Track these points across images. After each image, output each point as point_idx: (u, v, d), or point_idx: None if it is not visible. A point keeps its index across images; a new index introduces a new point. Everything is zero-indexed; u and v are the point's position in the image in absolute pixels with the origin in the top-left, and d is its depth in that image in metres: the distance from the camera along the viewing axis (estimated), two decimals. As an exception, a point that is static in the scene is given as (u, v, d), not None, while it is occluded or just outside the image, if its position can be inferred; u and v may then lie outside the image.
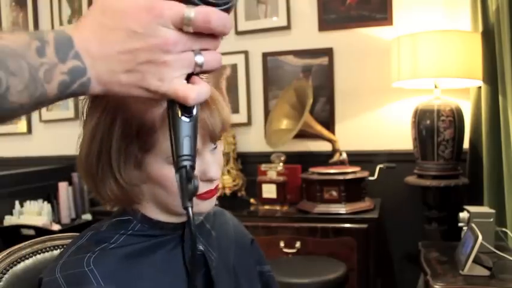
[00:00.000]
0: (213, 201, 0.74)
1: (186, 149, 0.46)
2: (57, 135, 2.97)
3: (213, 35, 0.45)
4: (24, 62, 0.39)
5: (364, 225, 2.00)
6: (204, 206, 0.73)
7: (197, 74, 0.45)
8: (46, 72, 0.40)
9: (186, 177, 0.45)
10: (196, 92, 0.43)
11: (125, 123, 0.65)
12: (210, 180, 0.70)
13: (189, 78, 0.45)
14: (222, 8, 0.44)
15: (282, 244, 2.05)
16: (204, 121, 0.67)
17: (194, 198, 0.68)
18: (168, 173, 0.67)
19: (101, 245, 0.68)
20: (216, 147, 0.73)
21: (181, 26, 0.42)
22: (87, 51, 0.42)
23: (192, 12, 0.42)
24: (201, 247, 0.78)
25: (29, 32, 0.41)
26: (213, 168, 0.70)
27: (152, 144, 0.66)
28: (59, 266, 0.66)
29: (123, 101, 0.64)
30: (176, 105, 0.45)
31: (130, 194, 0.69)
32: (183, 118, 0.45)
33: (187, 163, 0.46)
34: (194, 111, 0.46)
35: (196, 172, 0.65)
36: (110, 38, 0.42)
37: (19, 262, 0.78)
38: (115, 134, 0.65)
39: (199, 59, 0.43)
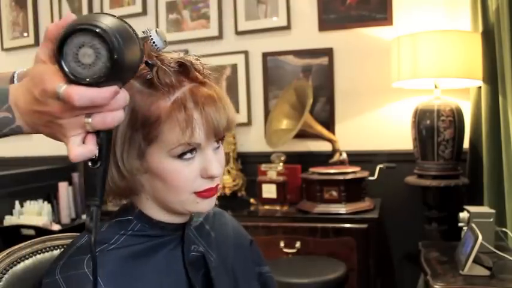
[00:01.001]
0: (213, 201, 0.73)
1: (94, 191, 0.54)
2: (57, 135, 2.97)
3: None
4: None
5: (364, 225, 2.00)
6: (204, 205, 0.72)
7: (97, 133, 0.51)
8: None
9: (91, 213, 0.54)
10: (78, 152, 0.50)
11: (131, 113, 0.66)
12: (211, 178, 0.70)
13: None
14: (87, 83, 0.47)
15: (282, 244, 2.05)
16: (209, 117, 0.67)
17: (195, 197, 0.70)
18: (168, 166, 0.67)
19: (101, 245, 0.68)
20: (219, 147, 0.72)
21: (60, 100, 0.48)
22: (17, 106, 0.52)
23: (61, 89, 0.47)
24: (200, 248, 0.78)
25: None
26: (214, 165, 0.69)
27: (156, 135, 0.66)
28: (59, 267, 0.66)
29: (130, 92, 0.65)
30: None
31: (130, 184, 0.69)
32: (90, 167, 0.53)
33: (92, 203, 0.54)
34: (98, 163, 0.53)
35: (197, 169, 0.68)
36: (28, 98, 0.51)
37: (19, 262, 0.77)
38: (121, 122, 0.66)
39: (88, 121, 0.49)
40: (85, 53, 0.46)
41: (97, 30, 0.45)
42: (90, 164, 0.53)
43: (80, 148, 0.51)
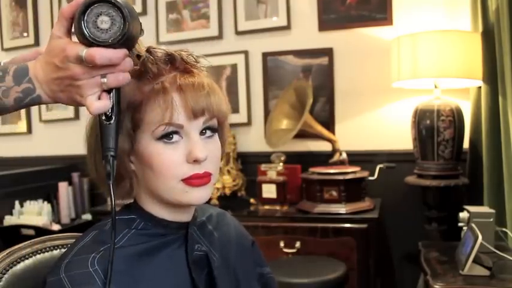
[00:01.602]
0: (206, 191, 0.72)
1: (109, 143, 0.62)
2: (57, 135, 2.98)
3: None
4: None
5: (364, 225, 2.00)
6: (195, 196, 0.71)
7: (109, 91, 0.61)
8: (4, 91, 0.60)
9: (107, 162, 0.62)
10: (96, 106, 0.60)
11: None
12: (197, 162, 0.69)
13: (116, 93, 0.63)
14: (106, 45, 0.57)
15: (282, 244, 2.05)
16: (188, 98, 0.69)
17: (184, 185, 0.71)
18: (153, 149, 0.69)
19: (105, 245, 0.68)
20: (211, 136, 0.73)
21: (81, 63, 0.58)
22: (37, 77, 0.61)
23: (83, 52, 0.57)
24: (204, 247, 0.78)
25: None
26: (198, 148, 0.69)
27: (140, 118, 0.69)
28: (63, 266, 0.66)
29: None
30: (101, 114, 0.62)
31: (122, 168, 0.71)
32: (106, 122, 0.63)
33: (108, 152, 0.62)
34: (113, 118, 0.62)
35: (183, 154, 0.70)
36: (47, 69, 0.60)
37: (19, 262, 0.78)
38: None
39: (104, 80, 0.60)
40: (102, 20, 0.57)
41: (113, 1, 0.57)
42: (104, 119, 0.62)
43: (98, 103, 0.60)
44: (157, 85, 0.69)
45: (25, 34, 3.10)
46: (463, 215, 1.69)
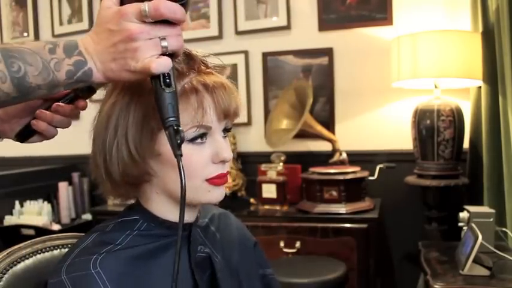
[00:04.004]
0: (223, 191, 0.73)
1: (170, 112, 0.58)
2: (57, 135, 2.97)
3: (171, 23, 0.57)
4: (39, 57, 0.57)
5: (364, 225, 2.00)
6: (215, 195, 0.72)
7: (169, 56, 0.58)
8: (56, 64, 0.57)
9: (174, 131, 0.57)
10: (156, 62, 0.56)
11: (144, 98, 0.67)
12: (223, 163, 0.71)
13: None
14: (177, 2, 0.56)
15: (282, 244, 2.05)
16: (219, 99, 0.69)
17: (208, 185, 0.71)
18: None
19: (107, 246, 0.67)
20: (225, 137, 0.73)
21: (142, 19, 0.56)
22: (87, 50, 0.58)
23: (146, 6, 0.55)
24: (206, 249, 0.78)
25: (47, 40, 0.59)
26: (225, 149, 0.70)
27: None
28: (64, 268, 0.65)
29: (142, 80, 0.67)
30: (158, 81, 0.58)
31: (141, 172, 0.69)
32: (165, 89, 0.58)
33: (173, 122, 0.58)
34: (172, 84, 0.59)
35: (208, 154, 0.70)
36: (99, 38, 0.58)
37: (19, 262, 0.77)
38: (133, 107, 0.67)
39: (164, 43, 0.57)
40: None
41: None
42: (163, 86, 0.58)
43: (159, 59, 0.56)
44: (187, 85, 0.68)
45: (25, 34, 3.10)
46: (463, 215, 1.69)
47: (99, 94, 0.73)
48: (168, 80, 0.58)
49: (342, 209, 2.06)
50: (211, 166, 0.70)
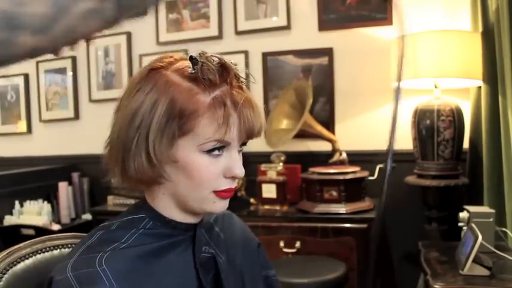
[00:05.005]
0: (227, 203, 0.75)
1: None
2: (57, 135, 2.97)
3: None
4: None
5: (364, 225, 2.00)
6: (219, 206, 0.74)
7: None
8: None
9: None
10: None
11: (169, 103, 0.67)
12: (233, 178, 0.72)
13: None
14: None
15: (282, 244, 2.05)
16: (246, 118, 0.69)
17: (214, 196, 0.72)
18: (195, 160, 0.69)
19: (112, 244, 0.68)
20: (240, 151, 0.74)
21: None
22: None
23: None
24: (211, 249, 0.78)
25: None
26: (239, 166, 0.72)
27: (191, 128, 0.67)
28: (70, 265, 0.66)
29: (169, 84, 0.68)
30: None
31: (156, 174, 0.70)
32: None
33: None
34: None
35: (222, 167, 0.70)
36: None
37: (19, 262, 0.78)
38: (159, 109, 0.67)
39: None
40: None
41: None
42: None
43: None
44: (216, 97, 0.68)
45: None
46: (463, 215, 1.69)
47: (114, 93, 0.72)
48: None
49: (341, 209, 2.06)
50: (222, 180, 0.71)
